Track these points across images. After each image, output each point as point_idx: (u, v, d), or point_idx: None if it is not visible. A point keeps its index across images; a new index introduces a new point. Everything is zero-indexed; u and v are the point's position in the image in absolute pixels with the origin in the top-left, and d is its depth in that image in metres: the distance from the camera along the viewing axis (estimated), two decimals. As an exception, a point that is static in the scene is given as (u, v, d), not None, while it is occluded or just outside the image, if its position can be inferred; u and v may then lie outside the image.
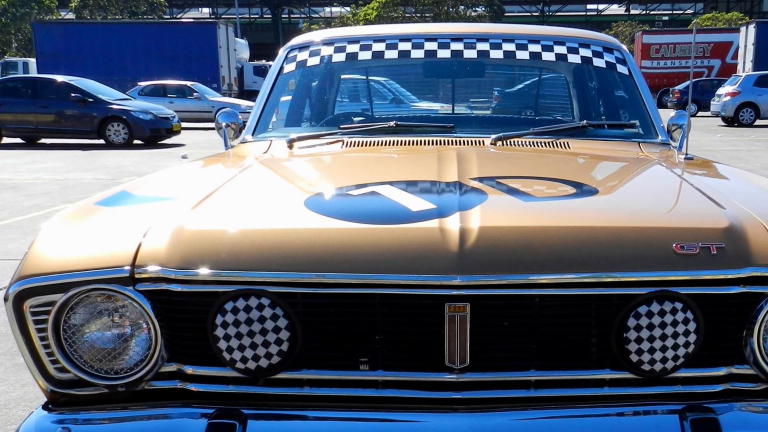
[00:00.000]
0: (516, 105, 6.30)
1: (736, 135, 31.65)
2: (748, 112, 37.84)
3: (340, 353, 2.85)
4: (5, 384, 5.95)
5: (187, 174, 4.34)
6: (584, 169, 4.21)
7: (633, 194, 3.79)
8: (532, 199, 3.30)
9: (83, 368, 2.85)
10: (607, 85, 5.64)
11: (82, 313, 2.84)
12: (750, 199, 3.41)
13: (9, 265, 9.48)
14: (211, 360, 2.84)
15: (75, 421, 2.89)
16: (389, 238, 2.81)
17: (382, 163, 4.31)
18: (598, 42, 5.52)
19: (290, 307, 2.76)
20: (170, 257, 2.83)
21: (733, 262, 2.81)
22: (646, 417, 2.84)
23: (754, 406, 2.88)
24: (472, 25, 6.28)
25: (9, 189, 16.73)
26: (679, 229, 2.93)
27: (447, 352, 2.77)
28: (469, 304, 2.72)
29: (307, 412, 2.84)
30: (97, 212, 3.38)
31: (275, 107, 5.43)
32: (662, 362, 2.78)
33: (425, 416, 2.78)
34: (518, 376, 2.84)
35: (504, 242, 2.78)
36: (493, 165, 3.97)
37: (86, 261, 2.88)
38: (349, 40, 5.49)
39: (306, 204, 3.18)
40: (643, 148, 4.73)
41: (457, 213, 2.90)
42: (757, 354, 2.82)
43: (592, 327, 2.82)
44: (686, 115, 5.14)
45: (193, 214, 3.11)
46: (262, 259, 2.79)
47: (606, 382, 2.88)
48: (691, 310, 2.75)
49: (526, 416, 2.81)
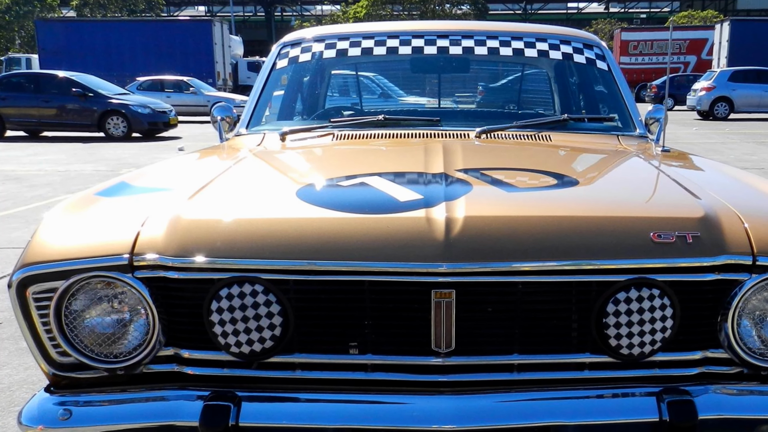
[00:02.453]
0: (499, 99, 6.31)
1: (711, 128, 31.69)
2: (722, 106, 37.91)
3: (331, 338, 2.86)
4: (9, 367, 5.93)
5: (184, 166, 4.33)
6: (565, 161, 4.21)
7: (612, 185, 3.79)
8: (515, 189, 3.30)
9: (84, 352, 2.86)
10: (587, 80, 5.64)
11: (83, 299, 2.85)
12: (724, 189, 3.42)
13: (12, 253, 9.47)
14: (207, 344, 2.85)
15: (76, 403, 2.90)
16: (378, 227, 2.81)
17: (370, 155, 4.31)
18: (578, 39, 5.52)
19: (283, 294, 2.77)
20: (167, 245, 2.84)
21: (708, 250, 2.82)
22: (624, 399, 2.85)
23: (728, 389, 2.89)
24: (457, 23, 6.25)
25: (12, 180, 16.69)
26: (657, 219, 2.94)
27: (433, 337, 2.78)
28: (454, 291, 2.73)
29: (298, 394, 2.85)
30: (97, 202, 3.37)
31: (268, 101, 5.43)
32: (640, 346, 2.79)
33: (412, 398, 2.79)
34: (502, 359, 2.85)
35: (488, 231, 2.78)
36: (478, 157, 3.97)
37: (87, 249, 2.88)
38: (339, 37, 5.48)
39: (298, 194, 3.18)
40: (621, 140, 4.73)
41: (443, 203, 2.91)
42: (731, 339, 2.83)
43: (572, 313, 2.83)
44: (663, 109, 5.13)
45: (190, 205, 3.11)
46: (255, 248, 2.80)
47: (586, 366, 2.89)
48: (667, 297, 2.76)
49: (510, 398, 2.82)
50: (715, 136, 27.83)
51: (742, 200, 3.24)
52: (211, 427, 2.74)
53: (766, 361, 2.87)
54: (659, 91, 46.17)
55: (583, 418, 2.80)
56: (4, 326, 6.89)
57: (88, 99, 27.84)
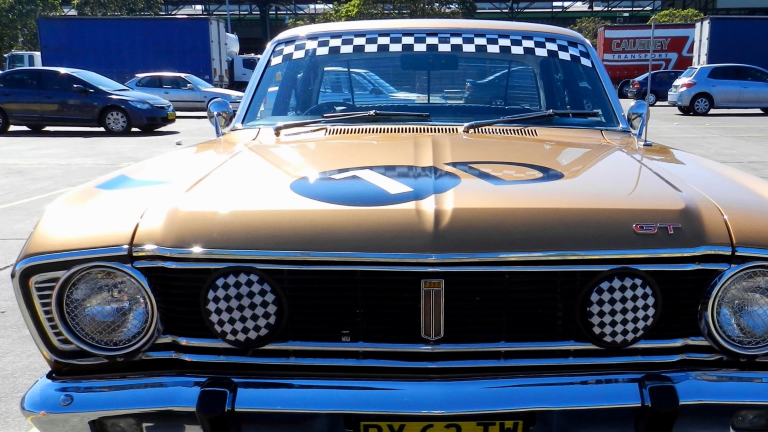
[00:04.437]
0: (487, 95, 6.30)
1: (692, 123, 31.69)
2: (702, 101, 37.90)
3: (324, 326, 2.86)
4: (12, 355, 5.93)
5: (182, 159, 4.32)
6: (550, 154, 4.21)
7: (596, 178, 3.79)
8: (502, 182, 3.30)
9: (85, 340, 2.86)
10: (571, 76, 5.63)
11: (84, 289, 2.85)
12: (705, 182, 3.43)
13: (16, 244, 9.46)
14: (204, 332, 2.85)
15: (77, 389, 2.91)
16: (369, 218, 2.81)
17: (362, 149, 4.30)
18: (563, 37, 5.52)
19: (277, 283, 2.77)
20: (165, 237, 2.84)
21: (689, 241, 2.82)
22: (607, 385, 2.86)
23: (708, 375, 2.90)
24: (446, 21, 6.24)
25: (16, 173, 16.65)
26: (639, 211, 2.94)
27: (423, 325, 2.78)
28: (443, 280, 2.74)
29: (292, 380, 2.85)
30: (98, 195, 3.37)
31: (263, 97, 5.42)
32: (623, 334, 2.80)
33: (402, 384, 2.80)
34: (489, 347, 2.86)
35: (476, 223, 2.78)
36: (466, 151, 3.97)
37: (87, 240, 2.89)
38: (332, 35, 5.48)
39: (292, 187, 3.18)
40: (605, 135, 4.73)
41: (432, 196, 2.91)
42: (711, 327, 2.83)
43: (557, 301, 2.84)
44: (645, 105, 5.14)
45: (187, 197, 3.10)
46: (251, 239, 2.80)
47: (571, 353, 2.90)
48: (649, 286, 2.77)
49: (497, 384, 2.83)
50: (695, 130, 27.83)
51: (722, 193, 3.25)
52: (207, 413, 2.74)
53: (744, 348, 2.87)
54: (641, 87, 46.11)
55: (567, 403, 2.81)
56: (7, 315, 6.89)
57: (88, 95, 27.79)
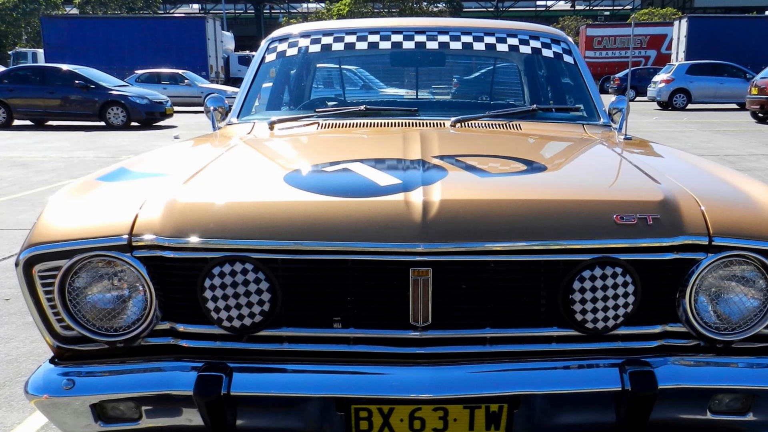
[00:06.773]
0: (473, 91, 6.29)
1: (670, 118, 31.73)
2: (681, 97, 37.97)
3: (316, 313, 2.86)
4: (16, 340, 5.93)
5: (179, 152, 4.31)
6: (534, 148, 4.21)
7: (578, 170, 3.79)
8: (487, 174, 3.30)
9: (86, 326, 2.87)
10: (554, 73, 5.63)
11: (85, 277, 2.85)
12: (683, 175, 3.44)
13: (19, 234, 9.46)
14: (201, 319, 2.85)
15: (78, 374, 2.91)
16: (359, 209, 2.81)
17: (353, 142, 4.29)
18: (546, 34, 5.52)
19: (271, 272, 2.77)
20: (164, 227, 2.84)
21: (668, 231, 2.83)
22: (589, 370, 2.86)
23: (686, 360, 2.91)
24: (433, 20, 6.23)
25: (19, 166, 16.62)
26: (619, 202, 2.95)
27: (411, 312, 2.79)
28: (431, 269, 2.74)
29: (286, 365, 2.86)
30: (99, 187, 3.36)
31: (258, 93, 5.42)
32: (604, 321, 2.80)
33: (392, 369, 2.80)
34: (475, 333, 2.86)
35: (462, 213, 2.79)
36: (453, 144, 3.96)
37: (88, 230, 2.88)
38: (324, 33, 5.48)
39: (285, 179, 3.17)
40: (586, 129, 4.74)
41: (421, 187, 2.92)
42: (689, 313, 2.84)
43: (541, 289, 2.84)
44: (625, 100, 5.13)
45: (185, 189, 3.10)
46: (246, 229, 2.80)
47: (554, 339, 2.90)
48: (629, 274, 2.78)
49: (482, 369, 2.83)
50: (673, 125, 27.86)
51: (699, 185, 3.25)
52: (204, 396, 2.75)
53: (721, 334, 2.88)
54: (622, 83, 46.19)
55: (550, 387, 2.82)
56: (11, 302, 6.88)
57: (89, 90, 27.72)
